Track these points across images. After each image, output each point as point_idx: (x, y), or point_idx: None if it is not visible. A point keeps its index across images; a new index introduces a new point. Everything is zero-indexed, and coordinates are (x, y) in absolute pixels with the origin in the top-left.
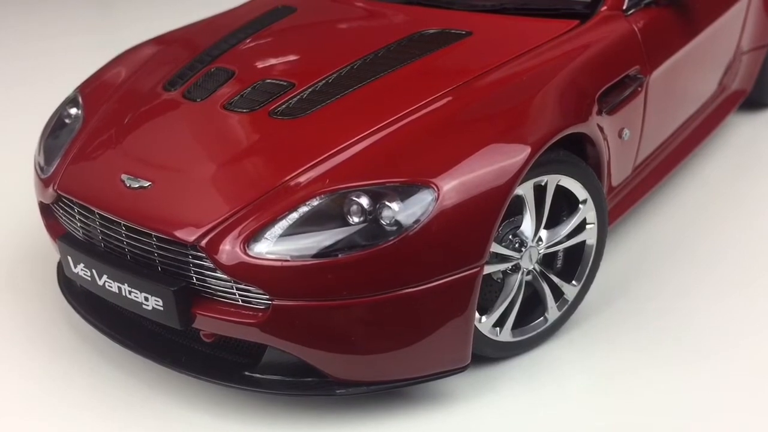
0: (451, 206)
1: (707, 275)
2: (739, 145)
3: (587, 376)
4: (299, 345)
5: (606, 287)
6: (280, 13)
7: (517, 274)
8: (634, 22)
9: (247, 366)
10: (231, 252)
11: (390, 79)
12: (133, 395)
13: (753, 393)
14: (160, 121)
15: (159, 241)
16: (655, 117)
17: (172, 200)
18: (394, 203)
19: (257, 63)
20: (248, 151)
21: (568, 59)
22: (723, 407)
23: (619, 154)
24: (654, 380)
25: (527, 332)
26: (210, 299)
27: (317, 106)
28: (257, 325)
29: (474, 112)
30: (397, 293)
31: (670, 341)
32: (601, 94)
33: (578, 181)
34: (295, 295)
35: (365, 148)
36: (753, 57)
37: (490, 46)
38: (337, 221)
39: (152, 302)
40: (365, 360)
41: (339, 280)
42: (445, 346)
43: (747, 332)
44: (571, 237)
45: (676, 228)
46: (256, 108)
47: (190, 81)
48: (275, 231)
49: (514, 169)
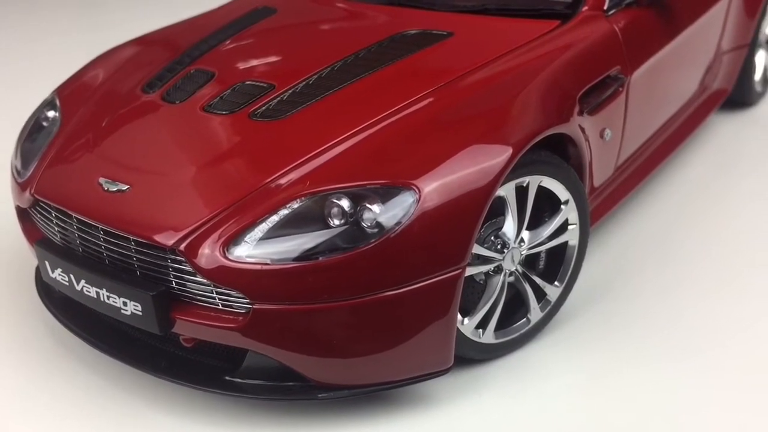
0: (433, 208)
1: (689, 274)
2: (720, 145)
3: (571, 376)
4: (280, 349)
5: (589, 288)
6: (261, 14)
7: (500, 275)
8: (615, 23)
9: (227, 370)
10: (210, 256)
11: (371, 81)
12: (113, 401)
13: (739, 390)
14: (138, 124)
15: (137, 245)
16: (637, 117)
17: (151, 204)
18: (375, 205)
19: (237, 64)
20: (228, 153)
21: (549, 60)
22: (709, 405)
23: (600, 154)
24: (638, 380)
25: (510, 333)
26: (190, 303)
27: (297, 107)
28: (238, 329)
29: (455, 113)
30: (379, 296)
31: (653, 341)
32: (583, 94)
33: (560, 182)
34: (276, 298)
35: (346, 150)
36: (733, 57)
37: (471, 46)
38: (318, 224)
39: (131, 307)
40: (347, 363)
41: (320, 283)
42: (428, 348)
43: (730, 330)
44: (554, 238)
45: (658, 227)
46: (235, 110)
47: (169, 83)
48: (255, 234)
49: (496, 170)
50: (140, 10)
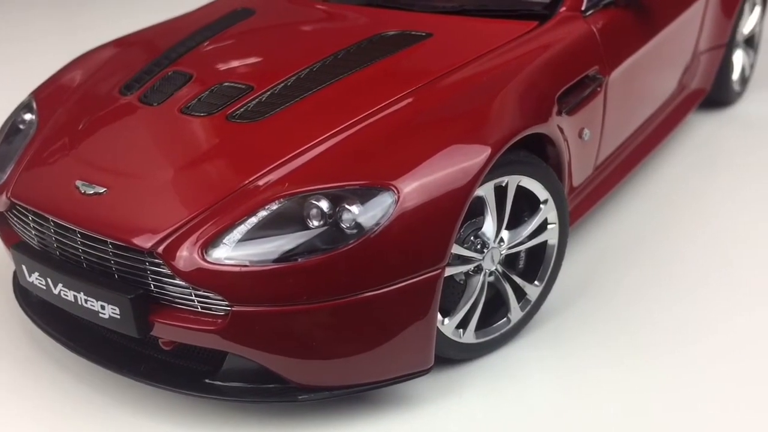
0: (412, 208)
1: (667, 273)
2: (699, 144)
3: (551, 375)
4: (260, 351)
5: (568, 287)
6: (239, 15)
7: (480, 275)
8: (593, 23)
9: (207, 373)
10: (189, 258)
11: (350, 82)
12: (93, 406)
13: (715, 389)
14: (115, 126)
15: (115, 248)
16: (615, 117)
17: (128, 206)
18: (354, 206)
19: (215, 66)
20: (206, 155)
21: (527, 60)
22: (685, 404)
23: (579, 154)
24: (617, 379)
25: (490, 333)
26: (168, 306)
27: (276, 109)
28: (217, 331)
29: (434, 113)
30: (359, 297)
31: (631, 340)
32: (561, 94)
33: (539, 182)
34: (255, 300)
35: (325, 151)
36: (711, 56)
37: (450, 47)
38: (297, 225)
39: (109, 311)
40: (327, 365)
41: (299, 284)
42: (408, 348)
43: (707, 329)
44: (533, 237)
45: (637, 227)
46: (213, 112)
47: (146, 85)
48: (234, 236)
49: (474, 171)
50: (118, 11)
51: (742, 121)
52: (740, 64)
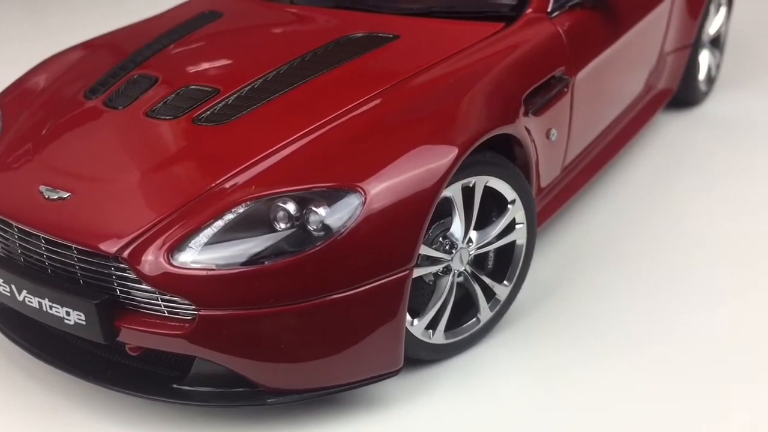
0: (379, 210)
1: (636, 273)
2: (666, 144)
3: (520, 375)
4: (228, 355)
5: (538, 287)
6: (207, 18)
7: (449, 276)
8: (559, 24)
9: (175, 379)
10: (154, 262)
11: (317, 84)
12: (60, 413)
13: (685, 387)
14: (80, 130)
15: (80, 254)
16: (582, 117)
17: (93, 211)
18: (321, 208)
19: (181, 69)
20: (172, 159)
21: (494, 61)
22: (654, 401)
23: (547, 154)
24: (586, 378)
25: (460, 334)
26: (135, 311)
27: (243, 111)
28: (184, 336)
29: (401, 115)
30: (326, 299)
31: (601, 339)
32: (528, 95)
33: (506, 182)
34: (222, 304)
35: (291, 153)
36: (677, 57)
37: (417, 49)
38: (264, 228)
39: (74, 317)
40: (296, 368)
41: (266, 287)
42: (377, 350)
43: (675, 327)
44: (501, 237)
45: (606, 227)
46: (179, 115)
47: (112, 88)
48: (200, 239)
49: (441, 171)
50: (84, 15)
51: (708, 121)
52: (706, 65)
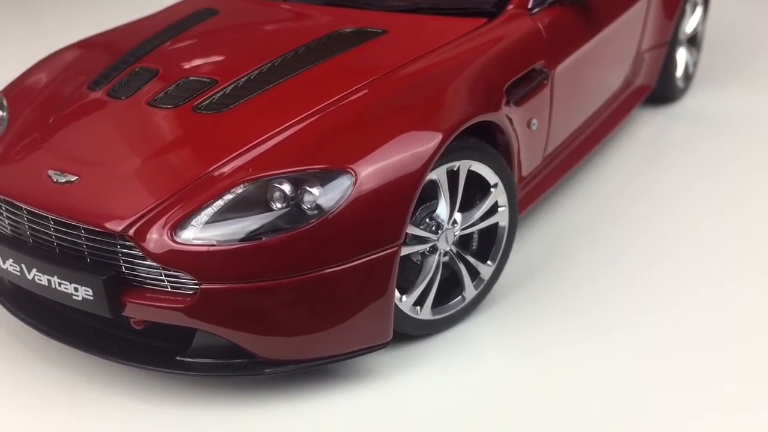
0: (369, 190)
1: (615, 259)
2: (645, 139)
3: (504, 350)
4: (227, 327)
5: (521, 270)
6: (203, 15)
7: (435, 255)
8: (539, 20)
9: (178, 351)
10: (159, 240)
11: (309, 75)
12: (68, 386)
13: (660, 363)
14: (85, 120)
15: (87, 233)
16: (562, 109)
17: (99, 193)
18: (315, 188)
19: (181, 62)
20: (173, 144)
21: (477, 54)
22: (632, 382)
23: (528, 143)
24: (565, 354)
25: (446, 311)
26: (139, 287)
27: (240, 100)
28: (186, 309)
29: (388, 103)
30: (320, 273)
31: (580, 318)
32: (509, 86)
33: (489, 167)
34: (222, 278)
35: (286, 138)
36: (655, 54)
37: (404, 43)
38: (261, 207)
39: (82, 292)
40: (291, 339)
41: (263, 262)
42: (368, 322)
43: (650, 309)
44: (485, 219)
45: (587, 217)
46: (180, 104)
47: (114, 80)
48: (201, 218)
49: (427, 155)
50: (77, 17)
51: (686, 117)
52: (684, 62)
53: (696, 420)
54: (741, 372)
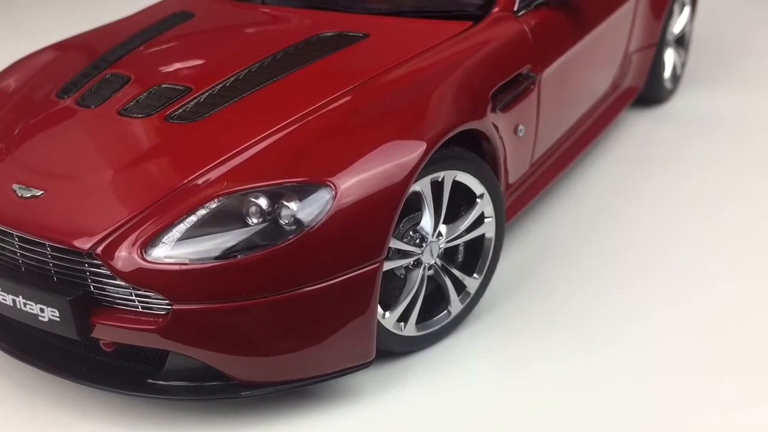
0: (349, 204)
1: (603, 268)
2: (633, 141)
3: (491, 365)
4: (201, 349)
5: (508, 281)
6: (178, 18)
7: (419, 269)
8: (525, 23)
9: (150, 373)
10: (128, 258)
11: (288, 82)
12: (37, 411)
13: (652, 377)
14: (53, 130)
15: (53, 251)
16: (549, 114)
17: (66, 208)
18: (293, 203)
19: (153, 68)
20: (144, 156)
21: (461, 59)
22: (625, 395)
23: (515, 150)
24: (554, 368)
25: (431, 326)
26: (109, 307)
27: (214, 109)
28: (158, 330)
29: (370, 111)
30: (298, 292)
31: (570, 328)
32: (495, 91)
33: (474, 176)
34: (195, 298)
35: (263, 150)
36: (643, 55)
37: (386, 47)
38: (237, 223)
39: (48, 313)
40: (269, 360)
41: (238, 281)
42: (349, 342)
43: (641, 320)
44: (471, 231)
45: (575, 223)
46: (151, 113)
47: (84, 88)
48: (173, 235)
49: (410, 166)
50: (58, 17)
51: (674, 118)
52: (671, 63)
53: (696, 421)
54: (738, 376)
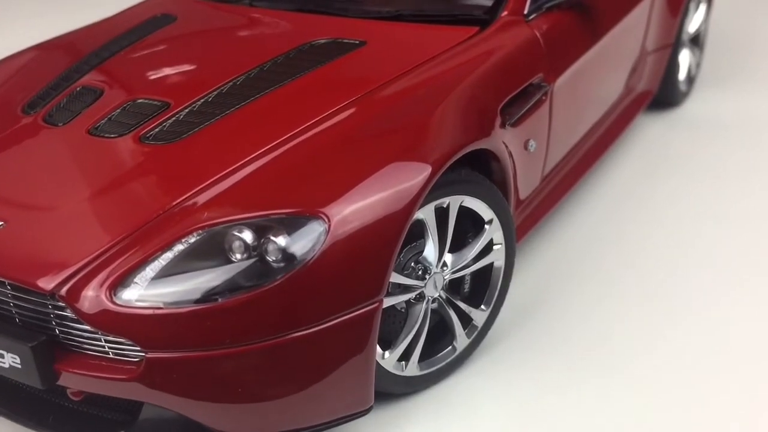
0: (344, 237)
1: (616, 288)
2: (646, 147)
3: (500, 404)
4: (180, 399)
5: (515, 308)
6: (159, 22)
7: (422, 303)
8: (536, 28)
9: (123, 424)
10: (95, 300)
11: (276, 97)
12: None
13: (670, 404)
14: (15, 150)
15: (14, 290)
16: (562, 125)
17: (28, 242)
18: (281, 237)
19: (129, 80)
20: (116, 182)
21: (467, 70)
22: (638, 422)
23: (525, 166)
24: (566, 403)
25: (435, 364)
26: (77, 353)
27: (195, 128)
28: (130, 380)
29: (367, 130)
30: (287, 337)
31: (580, 361)
32: (504, 105)
33: (483, 201)
34: (171, 346)
35: (248, 176)
36: (658, 57)
37: (384, 56)
38: (218, 260)
39: (9, 359)
40: (255, 412)
41: (220, 327)
42: (345, 389)
43: (653, 345)
44: (478, 260)
45: (587, 237)
46: (125, 132)
47: (52, 102)
48: (147, 273)
49: (413, 193)
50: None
51: (689, 121)
52: (686, 64)
53: None
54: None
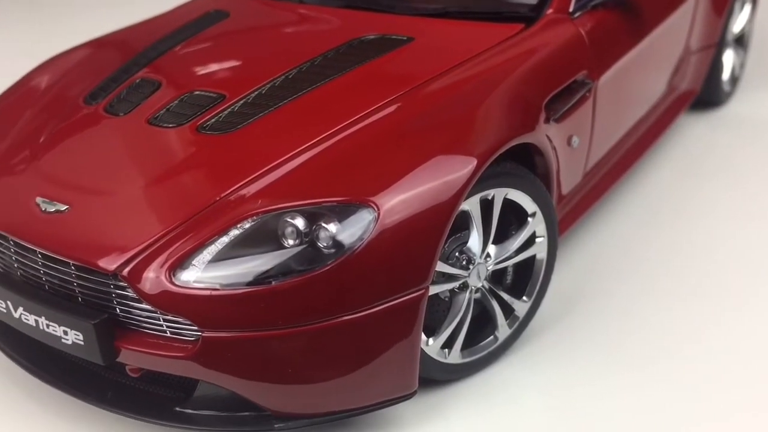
0: (393, 226)
1: (654, 285)
2: (688, 147)
3: (540, 394)
4: (233, 378)
5: (558, 301)
6: (212, 18)
7: (465, 292)
8: (581, 25)
9: (178, 401)
10: (155, 281)
11: (327, 90)
12: None
13: (706, 398)
14: (79, 138)
15: (78, 270)
16: (604, 122)
17: (92, 225)
18: (332, 224)
19: (185, 73)
20: (174, 170)
21: (513, 66)
22: (679, 415)
23: (568, 161)
24: (608, 393)
25: (477, 352)
26: (136, 331)
27: (249, 119)
28: (187, 358)
29: (415, 123)
30: (337, 320)
31: (617, 354)
32: (549, 101)
33: (526, 194)
34: (227, 326)
35: (300, 165)
36: (701, 57)
37: (432, 52)
38: (271, 245)
39: (72, 336)
40: (304, 392)
41: (273, 309)
42: (390, 373)
43: (694, 339)
44: (521, 252)
45: (628, 234)
46: (183, 122)
47: (113, 93)
48: (204, 257)
49: (459, 184)
50: (89, 17)
51: (732, 122)
52: (730, 64)
53: None
54: None
